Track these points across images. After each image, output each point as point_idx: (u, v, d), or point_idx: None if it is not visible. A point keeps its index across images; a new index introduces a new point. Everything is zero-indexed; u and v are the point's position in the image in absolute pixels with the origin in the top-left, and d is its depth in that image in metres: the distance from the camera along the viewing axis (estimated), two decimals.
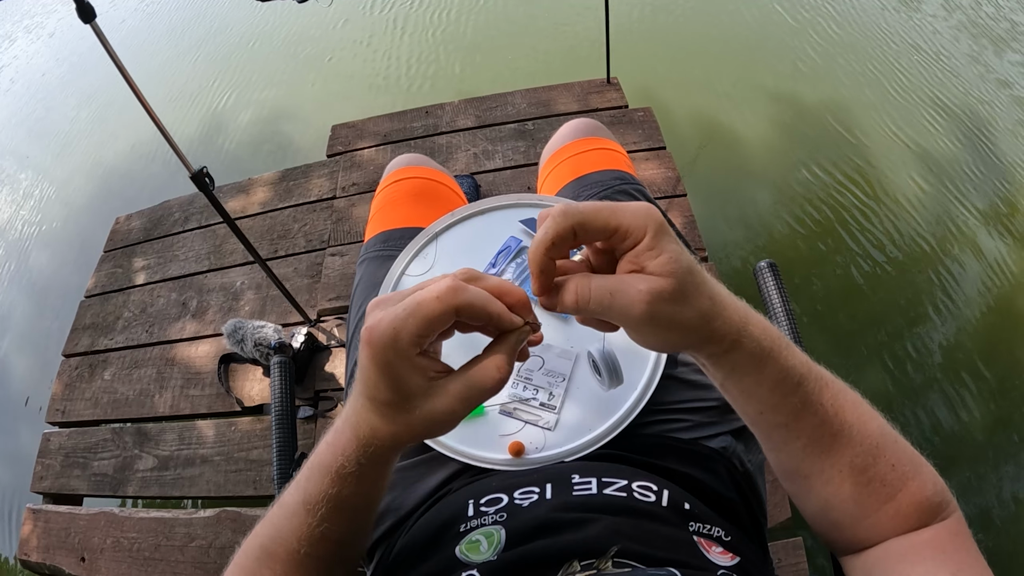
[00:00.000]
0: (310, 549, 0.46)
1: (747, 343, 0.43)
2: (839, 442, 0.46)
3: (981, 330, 2.01)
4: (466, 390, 0.41)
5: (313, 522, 0.46)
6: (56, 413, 1.88)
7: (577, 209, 0.39)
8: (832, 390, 0.46)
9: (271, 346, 1.59)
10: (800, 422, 0.46)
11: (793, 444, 0.48)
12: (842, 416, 0.46)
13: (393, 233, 1.01)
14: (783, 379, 0.44)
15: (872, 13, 2.97)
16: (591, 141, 1.08)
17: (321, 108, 3.14)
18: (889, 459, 0.47)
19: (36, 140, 3.65)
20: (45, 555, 1.61)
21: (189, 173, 1.28)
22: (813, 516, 0.53)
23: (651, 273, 0.39)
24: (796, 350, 0.46)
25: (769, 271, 0.99)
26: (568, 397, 0.79)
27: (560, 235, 0.39)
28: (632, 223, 0.39)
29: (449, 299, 0.38)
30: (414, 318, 0.38)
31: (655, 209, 0.40)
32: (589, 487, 0.57)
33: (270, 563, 0.47)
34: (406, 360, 0.39)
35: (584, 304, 0.40)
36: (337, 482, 0.45)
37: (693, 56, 2.93)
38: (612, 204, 0.40)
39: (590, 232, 0.39)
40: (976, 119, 2.50)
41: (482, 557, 0.49)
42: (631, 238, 0.39)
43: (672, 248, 0.39)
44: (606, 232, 0.39)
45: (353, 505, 0.47)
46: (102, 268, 2.18)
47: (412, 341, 0.38)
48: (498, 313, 0.40)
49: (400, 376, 0.39)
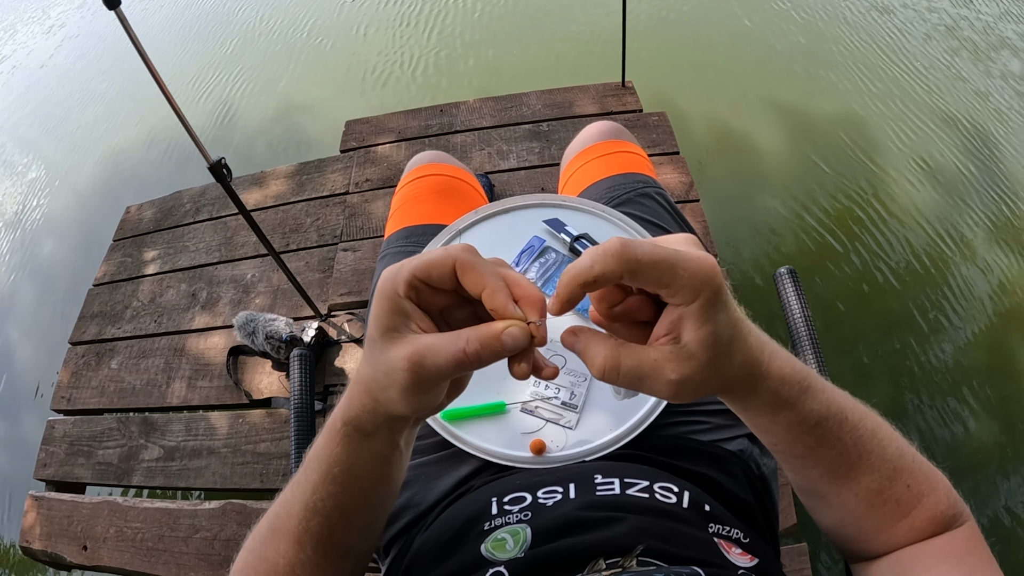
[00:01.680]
0: (304, 524, 0.46)
1: (762, 393, 0.42)
2: (857, 470, 0.46)
3: (988, 342, 2.01)
4: (430, 350, 0.36)
5: (308, 489, 0.45)
6: (61, 401, 1.88)
7: (634, 254, 0.35)
8: (852, 422, 0.45)
9: (282, 339, 1.59)
10: (816, 456, 0.46)
11: (809, 472, 0.48)
12: (860, 446, 0.45)
13: (416, 229, 1.00)
14: (798, 423, 0.43)
15: (889, 30, 2.97)
16: (615, 144, 1.08)
17: (336, 103, 3.15)
18: (905, 480, 0.47)
19: (47, 129, 3.65)
20: (47, 543, 1.61)
21: (207, 164, 1.28)
22: (827, 529, 0.53)
23: (686, 343, 0.37)
24: (818, 389, 0.43)
25: (789, 277, 0.99)
26: (590, 397, 0.79)
27: (605, 276, 0.35)
28: (687, 285, 0.35)
29: (453, 251, 0.37)
30: (417, 260, 0.37)
31: (717, 269, 0.37)
32: (612, 487, 0.57)
33: (275, 541, 0.47)
34: (397, 297, 0.37)
35: (611, 379, 0.38)
36: (326, 444, 0.44)
37: (708, 63, 2.94)
38: (673, 255, 0.35)
39: (640, 281, 0.36)
40: (987, 135, 2.51)
41: (509, 555, 0.48)
42: (680, 298, 0.36)
43: (719, 320, 0.37)
44: (657, 286, 0.36)
45: (343, 477, 0.44)
46: (111, 257, 2.18)
47: (407, 279, 0.37)
48: (494, 290, 0.37)
49: (387, 310, 0.38)
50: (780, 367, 0.41)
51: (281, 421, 1.64)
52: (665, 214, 0.98)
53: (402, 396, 0.38)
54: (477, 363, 0.36)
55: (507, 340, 0.36)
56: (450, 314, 0.41)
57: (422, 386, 0.37)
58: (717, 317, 0.36)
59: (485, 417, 0.78)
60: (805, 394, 0.42)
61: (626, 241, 0.35)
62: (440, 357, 0.36)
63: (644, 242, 0.36)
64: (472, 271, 0.37)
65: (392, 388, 0.38)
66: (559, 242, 0.89)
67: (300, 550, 0.46)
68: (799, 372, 0.42)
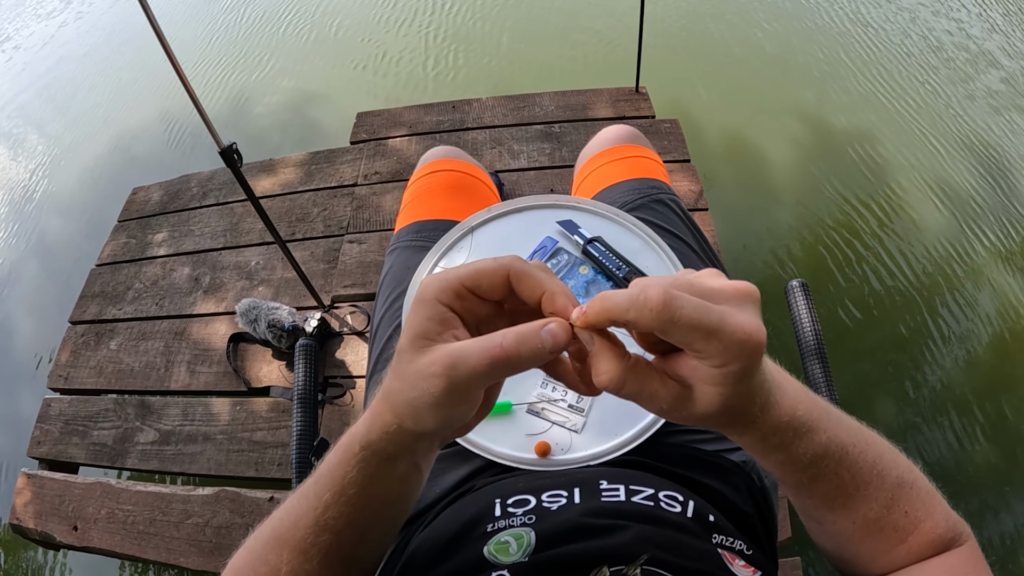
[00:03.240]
0: (316, 537, 0.44)
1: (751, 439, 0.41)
2: (854, 500, 0.45)
3: (994, 362, 2.01)
4: (450, 354, 0.34)
5: (319, 507, 0.44)
6: (59, 379, 1.87)
7: (673, 315, 0.32)
8: (852, 456, 0.44)
9: (285, 329, 1.58)
10: (810, 489, 0.45)
11: (806, 501, 0.47)
12: (858, 479, 0.45)
13: (427, 224, 1.00)
14: (791, 462, 0.43)
15: (906, 49, 2.97)
16: (630, 148, 1.08)
17: (348, 93, 3.14)
18: (903, 507, 0.46)
19: (57, 107, 3.64)
20: (37, 521, 1.60)
21: (219, 148, 1.27)
22: (825, 551, 0.53)
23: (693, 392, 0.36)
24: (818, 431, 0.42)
25: (800, 290, 0.99)
26: (596, 400, 0.78)
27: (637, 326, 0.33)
28: (720, 354, 0.33)
29: (506, 262, 0.36)
30: (466, 269, 0.36)
31: (762, 344, 0.34)
32: (617, 494, 0.57)
33: (278, 548, 0.46)
34: (439, 305, 0.36)
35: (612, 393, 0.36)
36: (342, 464, 0.42)
37: (723, 72, 2.93)
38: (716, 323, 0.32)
39: (670, 339, 0.34)
40: (1001, 157, 2.51)
41: (512, 559, 0.48)
42: (708, 361, 0.34)
43: (735, 390, 0.35)
44: (687, 348, 0.34)
45: (357, 499, 0.43)
46: (115, 238, 2.18)
47: (453, 286, 0.36)
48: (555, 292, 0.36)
49: (426, 316, 0.36)
50: (776, 416, 0.39)
51: (279, 410, 1.63)
52: (679, 222, 0.98)
53: (432, 409, 0.36)
54: (516, 362, 0.34)
55: (546, 336, 0.34)
56: (486, 327, 0.39)
57: (455, 394, 0.35)
58: (735, 387, 0.35)
59: (490, 416, 0.77)
60: (800, 439, 0.41)
61: (672, 298, 0.32)
62: (474, 358, 0.34)
63: (690, 300, 0.33)
64: (529, 277, 0.36)
65: (421, 400, 0.36)
66: (572, 244, 0.88)
67: (305, 560, 0.45)
68: (797, 419, 0.40)
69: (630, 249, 0.87)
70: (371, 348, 0.95)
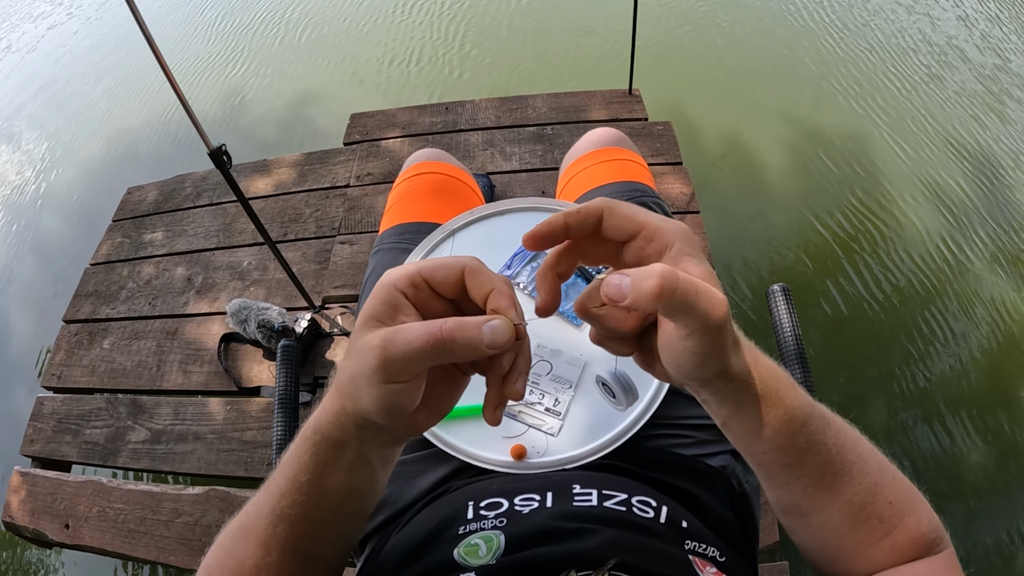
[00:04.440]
0: (272, 529, 0.44)
1: (756, 383, 0.42)
2: (840, 480, 0.46)
3: (985, 368, 2.01)
4: (393, 330, 0.36)
5: (275, 494, 0.44)
6: (52, 378, 1.88)
7: (611, 201, 0.39)
8: (835, 428, 0.46)
9: (274, 329, 1.59)
10: (804, 462, 0.45)
11: (795, 484, 0.47)
12: (844, 455, 0.46)
13: (410, 226, 1.00)
14: (789, 419, 0.43)
15: (902, 52, 2.98)
16: (615, 151, 1.08)
17: (341, 94, 3.15)
18: (887, 496, 0.47)
19: (53, 106, 3.65)
20: (30, 519, 1.61)
21: (208, 150, 1.28)
22: (808, 550, 0.53)
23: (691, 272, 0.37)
24: (800, 390, 0.45)
25: (782, 294, 0.99)
26: (574, 404, 0.79)
27: (588, 211, 0.38)
28: (661, 227, 0.38)
29: (464, 260, 0.38)
30: (427, 261, 0.38)
31: (685, 225, 0.39)
32: (589, 499, 0.57)
33: (244, 541, 0.46)
34: (393, 291, 0.37)
35: (667, 296, 0.33)
36: (296, 450, 0.42)
37: (716, 74, 2.94)
38: (645, 209, 0.39)
39: (615, 220, 0.38)
40: (994, 162, 2.51)
41: (480, 561, 0.48)
42: (656, 243, 0.38)
43: (707, 266, 0.37)
44: (632, 226, 0.38)
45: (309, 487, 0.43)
46: (109, 237, 2.18)
47: (409, 275, 0.38)
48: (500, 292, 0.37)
49: (380, 299, 0.37)
50: (766, 359, 0.44)
51: (269, 411, 1.64)
52: None
53: (368, 383, 0.36)
54: (451, 346, 0.34)
55: (486, 331, 0.35)
56: None
57: (390, 367, 0.35)
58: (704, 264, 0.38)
59: (467, 419, 0.78)
60: (792, 389, 0.44)
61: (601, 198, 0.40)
62: (412, 335, 0.34)
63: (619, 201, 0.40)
64: (480, 275, 0.38)
65: (360, 373, 0.36)
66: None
67: (266, 553, 0.45)
68: (782, 370, 0.44)
69: None
70: None
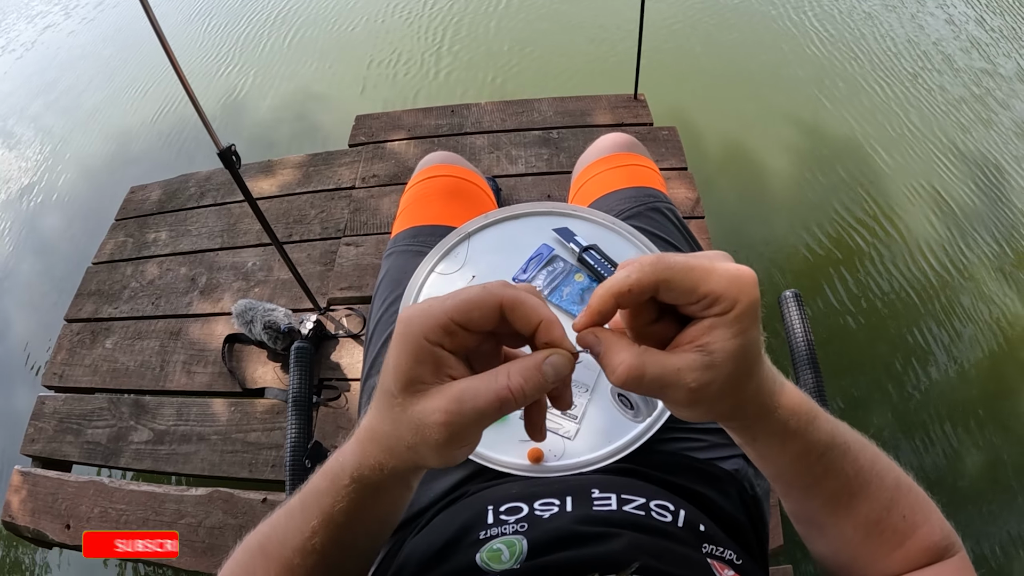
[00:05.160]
0: (303, 560, 0.44)
1: (773, 423, 0.41)
2: (857, 499, 0.46)
3: (986, 374, 2.02)
4: (469, 395, 0.33)
5: (306, 532, 0.43)
6: (53, 377, 1.87)
7: (667, 264, 0.34)
8: (853, 452, 0.45)
9: (280, 330, 1.58)
10: (820, 486, 0.46)
11: (811, 502, 0.48)
12: (861, 477, 0.46)
13: (423, 229, 1.00)
14: (805, 453, 0.43)
15: (904, 59, 2.99)
16: (629, 156, 1.09)
17: (349, 96, 3.15)
18: (902, 510, 0.47)
19: (56, 105, 3.64)
20: (30, 519, 1.60)
21: (217, 149, 1.28)
22: (822, 557, 0.53)
23: (713, 352, 0.35)
24: (823, 420, 0.43)
25: (794, 301, 0.99)
26: (590, 408, 0.78)
27: (641, 286, 0.34)
28: (724, 293, 0.34)
29: (496, 290, 0.34)
30: (453, 301, 0.34)
31: (753, 278, 0.35)
32: (609, 503, 0.57)
33: (264, 561, 0.45)
34: (426, 344, 0.34)
35: (633, 387, 0.35)
36: (331, 493, 0.41)
37: (721, 80, 2.95)
38: (708, 265, 0.35)
39: (674, 291, 0.34)
40: (997, 169, 2.53)
41: (504, 566, 0.48)
42: (717, 307, 0.34)
43: (750, 335, 0.35)
44: (691, 297, 0.35)
45: (344, 519, 0.42)
46: (112, 236, 2.18)
47: (442, 322, 0.34)
48: (551, 323, 0.35)
49: (413, 358, 0.34)
50: (790, 398, 0.41)
51: (273, 412, 1.63)
52: (674, 230, 0.99)
53: (436, 452, 0.35)
54: (522, 400, 0.33)
55: (548, 370, 0.34)
56: (474, 355, 0.38)
57: (460, 438, 0.34)
58: (749, 332, 0.35)
59: None
60: (812, 424, 0.42)
61: (661, 255, 0.35)
62: (480, 400, 0.33)
63: (676, 256, 0.35)
64: (522, 306, 0.35)
65: (423, 446, 0.35)
66: (568, 252, 0.89)
67: None
68: (806, 403, 0.42)
69: (626, 257, 0.87)
70: (366, 351, 0.96)
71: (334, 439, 1.55)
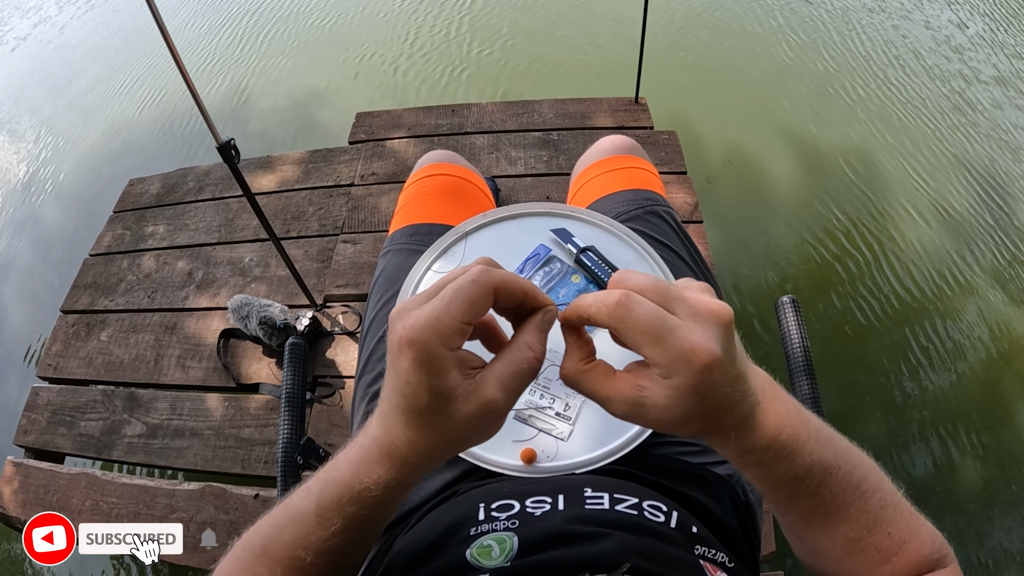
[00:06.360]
0: (316, 559, 0.44)
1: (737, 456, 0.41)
2: (833, 520, 0.46)
3: (982, 382, 2.03)
4: (507, 376, 0.37)
5: (324, 535, 0.44)
6: (48, 368, 1.86)
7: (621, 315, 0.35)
8: (835, 478, 0.44)
9: (276, 326, 1.58)
10: (790, 504, 0.46)
11: (785, 515, 0.48)
12: (839, 500, 0.45)
13: (421, 228, 1.00)
14: (771, 478, 0.43)
15: (912, 71, 3.00)
16: (628, 159, 1.08)
17: (350, 93, 3.15)
18: (885, 528, 0.46)
19: (56, 97, 3.63)
20: (21, 510, 1.59)
21: (216, 143, 1.27)
22: (808, 567, 0.53)
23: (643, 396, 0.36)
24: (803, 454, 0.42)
25: (791, 306, 0.99)
26: (584, 409, 0.78)
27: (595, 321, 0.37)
28: (664, 365, 0.35)
29: (486, 280, 0.36)
30: (456, 304, 0.35)
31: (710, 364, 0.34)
32: (601, 502, 0.57)
33: (269, 563, 0.45)
34: (449, 353, 0.35)
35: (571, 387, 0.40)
36: (356, 503, 0.42)
37: (722, 84, 2.96)
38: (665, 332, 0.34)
39: (621, 338, 0.36)
40: (999, 179, 2.53)
41: (494, 563, 0.48)
42: (657, 370, 0.36)
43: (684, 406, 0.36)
44: (636, 351, 0.36)
45: (369, 523, 0.45)
46: (110, 228, 2.17)
47: (457, 329, 0.35)
48: (532, 289, 0.39)
49: (443, 373, 0.35)
50: (757, 437, 0.40)
51: (267, 408, 1.63)
52: (672, 234, 0.98)
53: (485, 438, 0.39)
54: (543, 358, 0.38)
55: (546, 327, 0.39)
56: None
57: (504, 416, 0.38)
58: (685, 402, 0.35)
59: None
60: (782, 460, 0.41)
61: (629, 299, 0.35)
62: (520, 377, 0.37)
63: (647, 306, 0.35)
64: (507, 286, 0.37)
65: (476, 439, 0.39)
66: (565, 253, 0.89)
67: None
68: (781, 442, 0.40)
69: (623, 260, 0.87)
70: (361, 348, 0.95)
71: (328, 436, 1.55)
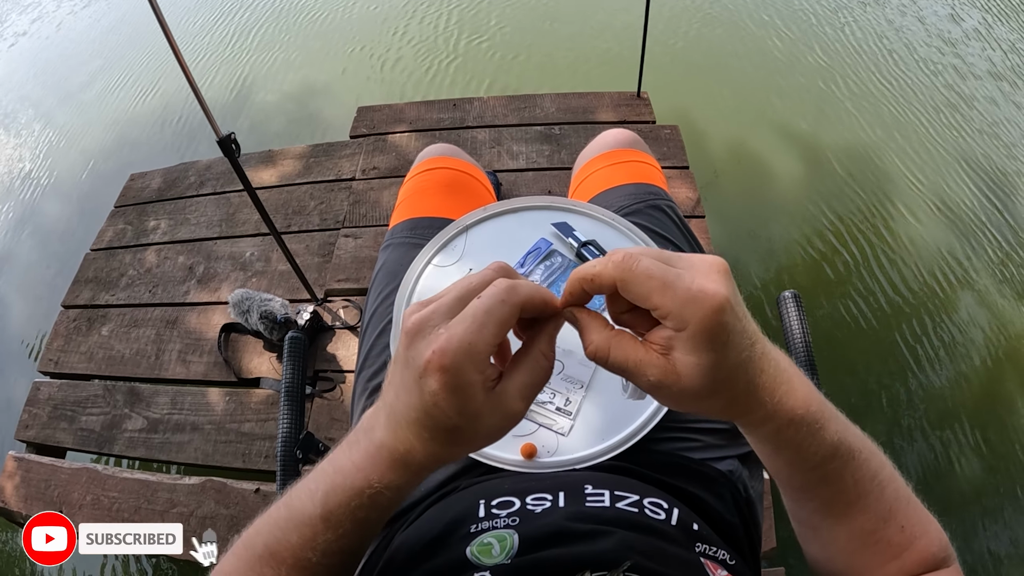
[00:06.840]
0: (323, 559, 0.44)
1: (764, 431, 0.41)
2: (852, 510, 0.46)
3: (982, 381, 2.02)
4: (528, 387, 0.38)
5: (332, 538, 0.43)
6: (49, 363, 1.86)
7: (628, 266, 0.35)
8: (857, 462, 0.44)
9: (277, 320, 1.58)
10: (814, 491, 0.46)
11: (804, 504, 0.48)
12: (860, 487, 0.45)
13: (421, 221, 1.00)
14: (801, 460, 0.43)
15: (905, 67, 2.98)
16: (630, 153, 1.08)
17: (352, 87, 3.14)
18: (899, 522, 0.46)
19: (59, 92, 3.63)
20: (23, 504, 1.59)
21: (216, 137, 1.27)
22: (815, 561, 0.52)
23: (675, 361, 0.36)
24: (829, 431, 0.42)
25: (793, 301, 0.99)
26: (584, 404, 0.78)
27: (600, 280, 0.37)
28: (672, 311, 0.34)
29: (515, 301, 0.36)
30: (489, 329, 0.35)
31: (719, 305, 0.34)
32: (602, 499, 0.57)
33: (274, 564, 0.45)
34: (481, 376, 0.36)
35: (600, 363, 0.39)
36: (367, 507, 0.42)
37: (724, 79, 2.95)
38: (670, 277, 0.35)
39: (629, 294, 0.36)
40: (1002, 178, 2.52)
41: (494, 560, 0.47)
42: (669, 322, 0.35)
43: (710, 357, 0.35)
44: (645, 304, 0.36)
45: (379, 522, 0.45)
46: (111, 223, 2.17)
47: (489, 353, 0.36)
48: (552, 300, 0.39)
49: (474, 396, 0.36)
50: (792, 408, 0.40)
51: (268, 403, 1.63)
52: (674, 228, 0.98)
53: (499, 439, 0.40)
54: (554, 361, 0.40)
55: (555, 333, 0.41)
56: None
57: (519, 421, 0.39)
58: (709, 354, 0.35)
59: None
60: (815, 435, 0.41)
61: (632, 254, 0.36)
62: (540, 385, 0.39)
63: (649, 259, 0.35)
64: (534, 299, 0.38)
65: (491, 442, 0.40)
66: (566, 246, 0.88)
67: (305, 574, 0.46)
68: (813, 411, 0.41)
69: None
70: (361, 343, 0.95)
71: (328, 430, 1.55)
